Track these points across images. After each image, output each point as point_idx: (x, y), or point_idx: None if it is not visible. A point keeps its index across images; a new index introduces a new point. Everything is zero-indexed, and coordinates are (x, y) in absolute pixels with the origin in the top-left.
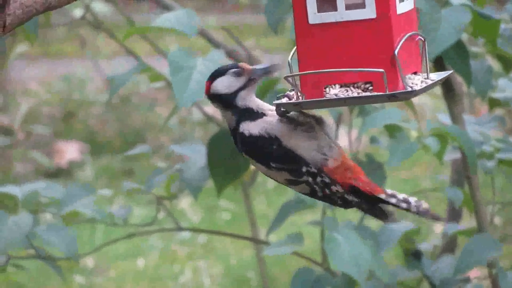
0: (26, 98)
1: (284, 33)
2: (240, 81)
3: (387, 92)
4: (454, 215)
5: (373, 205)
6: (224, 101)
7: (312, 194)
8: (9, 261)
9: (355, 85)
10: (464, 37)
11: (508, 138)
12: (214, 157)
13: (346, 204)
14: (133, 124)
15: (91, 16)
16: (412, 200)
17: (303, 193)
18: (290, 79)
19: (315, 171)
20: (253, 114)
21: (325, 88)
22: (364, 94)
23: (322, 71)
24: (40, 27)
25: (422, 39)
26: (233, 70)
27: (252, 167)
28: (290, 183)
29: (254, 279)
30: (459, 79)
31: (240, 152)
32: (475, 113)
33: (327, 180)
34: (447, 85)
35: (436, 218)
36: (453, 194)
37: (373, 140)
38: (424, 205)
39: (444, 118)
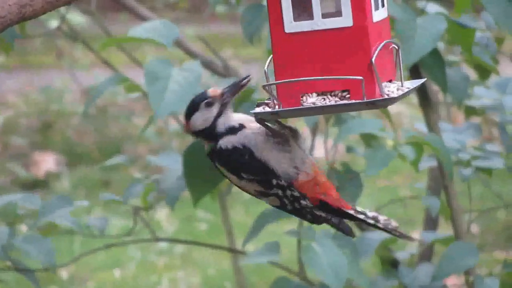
0: (4, 109)
1: (261, 43)
2: (214, 110)
3: (365, 100)
4: (431, 223)
5: (341, 220)
6: (206, 134)
7: (282, 207)
8: None
9: (332, 93)
10: (441, 45)
11: (485, 146)
12: (190, 167)
13: (315, 220)
14: (111, 134)
15: (67, 27)
16: (382, 218)
17: (273, 206)
18: (267, 87)
19: (285, 184)
20: (234, 129)
21: (302, 97)
22: (341, 102)
23: (298, 79)
24: (17, 37)
25: (396, 47)
26: (204, 102)
27: None
28: (260, 194)
29: None
30: (435, 87)
31: (215, 166)
32: (452, 121)
33: (296, 193)
34: (423, 94)
35: (404, 237)
36: (430, 202)
37: (349, 149)
38: (393, 223)
39: (421, 127)
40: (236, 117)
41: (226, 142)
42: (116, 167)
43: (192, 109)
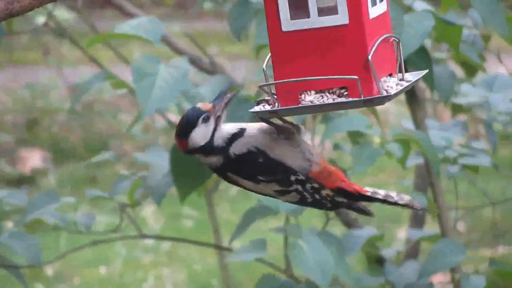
0: None
1: (248, 40)
2: (211, 125)
3: (362, 98)
4: (417, 220)
5: (357, 203)
6: (207, 149)
7: (302, 201)
8: None
9: (330, 91)
10: (428, 43)
11: (471, 144)
12: (177, 164)
13: (336, 206)
14: (97, 131)
15: (54, 24)
16: (394, 194)
17: (291, 202)
18: (265, 87)
19: (304, 178)
20: (237, 135)
21: (300, 95)
22: (339, 100)
23: (296, 79)
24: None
25: (397, 40)
26: (202, 117)
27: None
28: (279, 193)
29: (218, 286)
30: (422, 84)
31: (226, 178)
32: (438, 118)
33: (315, 185)
34: (410, 91)
35: (424, 210)
36: (416, 199)
37: (336, 146)
38: (406, 197)
39: (407, 124)
40: (230, 126)
41: (237, 147)
42: (103, 164)
43: (190, 126)
